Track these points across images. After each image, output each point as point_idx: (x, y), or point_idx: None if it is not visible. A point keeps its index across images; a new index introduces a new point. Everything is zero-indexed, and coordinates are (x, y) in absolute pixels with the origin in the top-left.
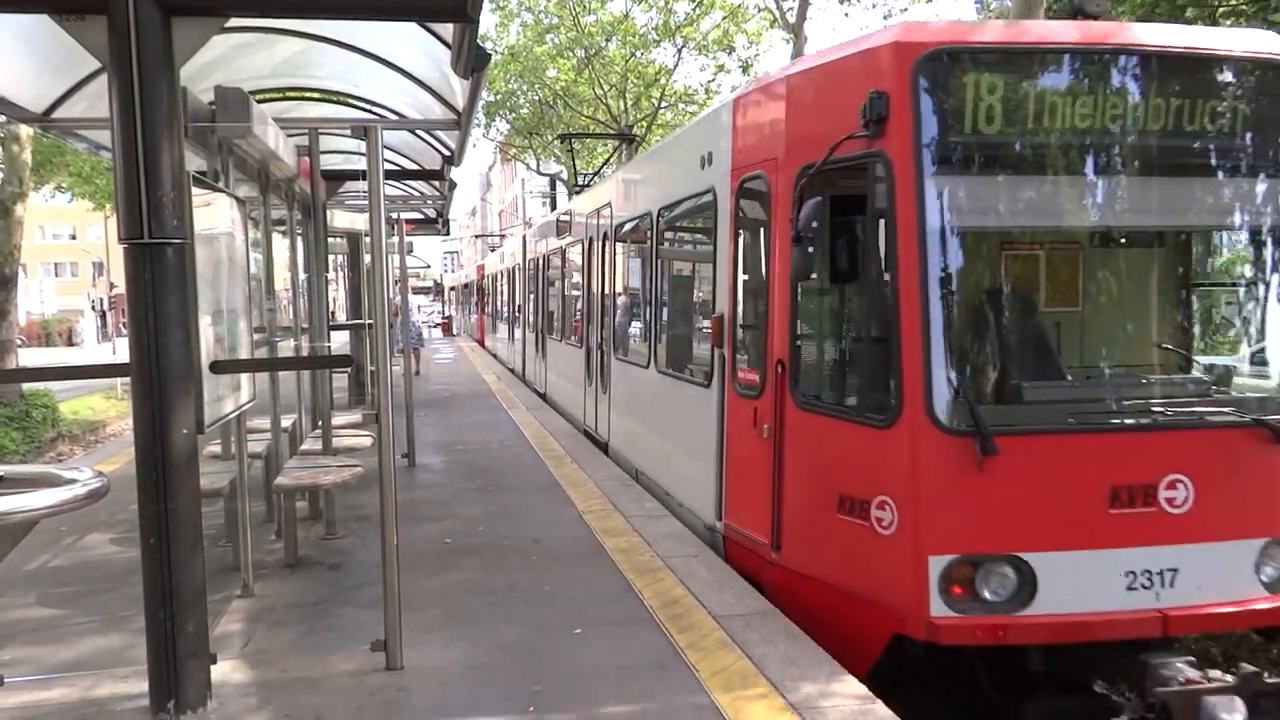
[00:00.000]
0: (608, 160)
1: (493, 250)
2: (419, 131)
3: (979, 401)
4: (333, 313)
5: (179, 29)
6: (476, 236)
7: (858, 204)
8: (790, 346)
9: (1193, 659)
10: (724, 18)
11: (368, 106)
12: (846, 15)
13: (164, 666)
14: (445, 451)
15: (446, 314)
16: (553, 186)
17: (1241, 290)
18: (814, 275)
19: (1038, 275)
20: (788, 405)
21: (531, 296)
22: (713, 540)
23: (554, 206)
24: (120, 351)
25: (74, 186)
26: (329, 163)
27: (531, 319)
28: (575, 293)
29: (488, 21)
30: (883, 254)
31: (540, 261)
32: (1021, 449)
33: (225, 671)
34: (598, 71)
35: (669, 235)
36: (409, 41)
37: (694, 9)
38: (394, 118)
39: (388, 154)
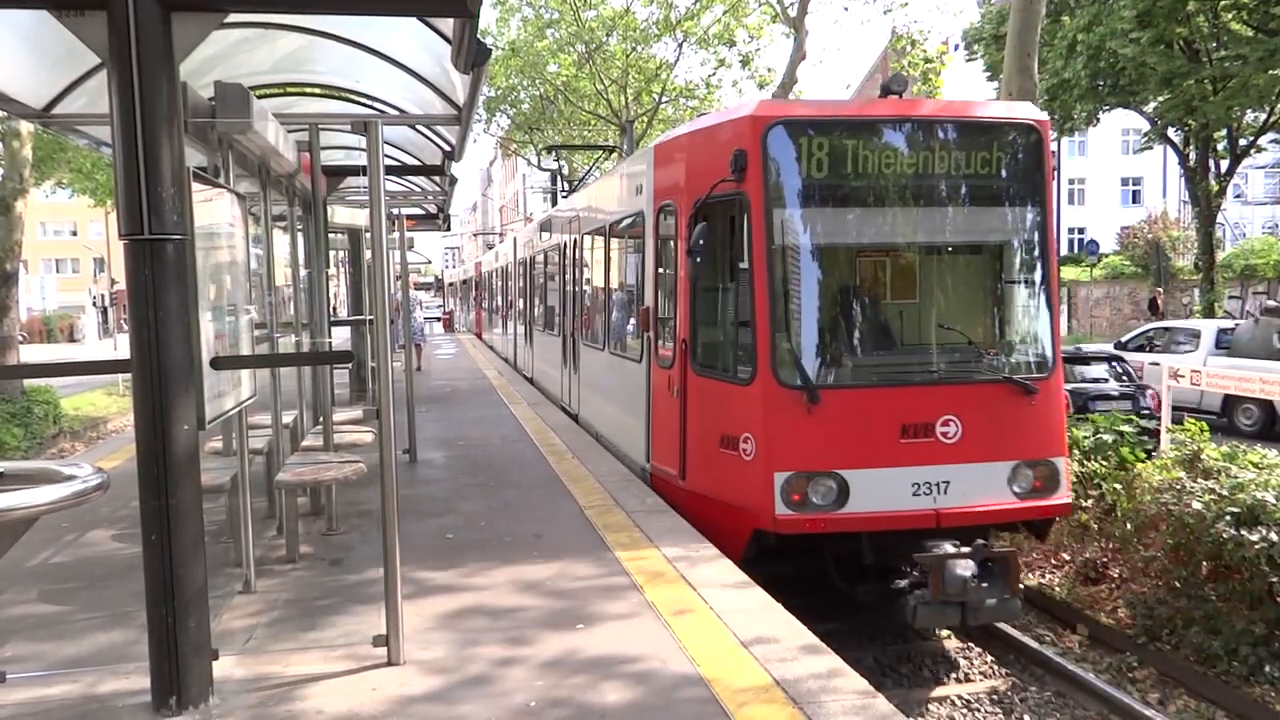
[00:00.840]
0: (596, 162)
1: (489, 248)
2: (419, 127)
3: (808, 367)
4: (334, 308)
5: (179, 24)
6: (475, 234)
7: (732, 225)
8: (690, 329)
9: (957, 541)
10: (725, 12)
11: (368, 102)
12: (846, 9)
13: (166, 662)
14: (447, 447)
15: (448, 309)
16: (554, 182)
17: (1008, 286)
18: (702, 276)
19: (857, 276)
20: (688, 372)
21: (521, 292)
22: (644, 477)
23: (554, 202)
24: (121, 348)
25: (74, 182)
26: (329, 158)
27: (521, 313)
28: (555, 289)
29: (488, 16)
30: (745, 263)
31: (528, 261)
32: (838, 398)
33: (227, 667)
34: (598, 66)
35: (616, 245)
36: (409, 37)
37: (694, 3)
38: (394, 113)
39: (388, 149)
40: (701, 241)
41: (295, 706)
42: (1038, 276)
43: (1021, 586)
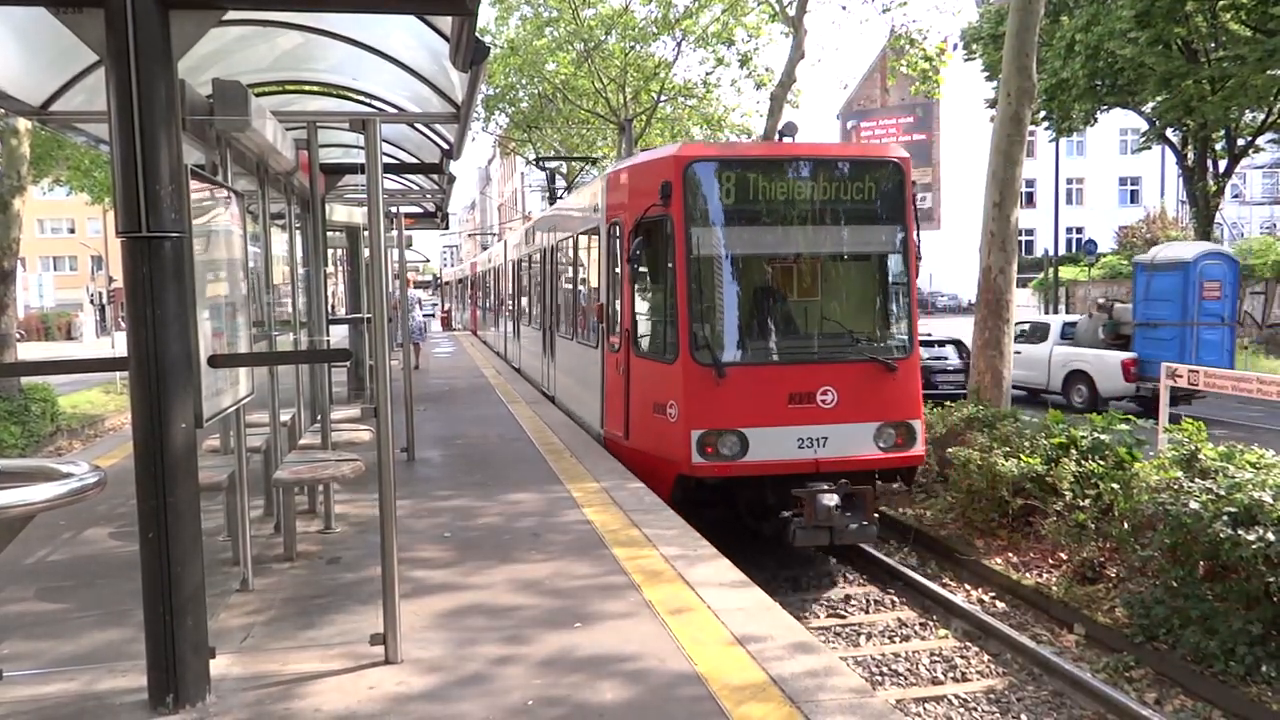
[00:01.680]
0: (594, 164)
1: (484, 249)
2: (418, 125)
3: (717, 349)
4: (332, 307)
5: (177, 22)
6: (469, 234)
7: (661, 239)
8: (632, 321)
9: (830, 482)
10: (723, 11)
11: (366, 100)
12: (845, 8)
13: (163, 660)
14: (445, 445)
15: (446, 308)
16: (551, 181)
17: (876, 287)
18: (640, 279)
19: (757, 279)
20: (631, 355)
21: (510, 292)
22: (599, 440)
23: (553, 200)
24: (119, 345)
25: (72, 180)
26: (328, 156)
27: (510, 310)
28: (536, 289)
29: (487, 14)
30: (670, 269)
31: (516, 263)
32: (740, 373)
33: (224, 665)
34: (597, 65)
35: (580, 252)
36: (408, 35)
37: (693, 2)
38: (393, 111)
39: (386, 148)
40: (639, 252)
41: (292, 705)
42: (901, 279)
43: (876, 515)
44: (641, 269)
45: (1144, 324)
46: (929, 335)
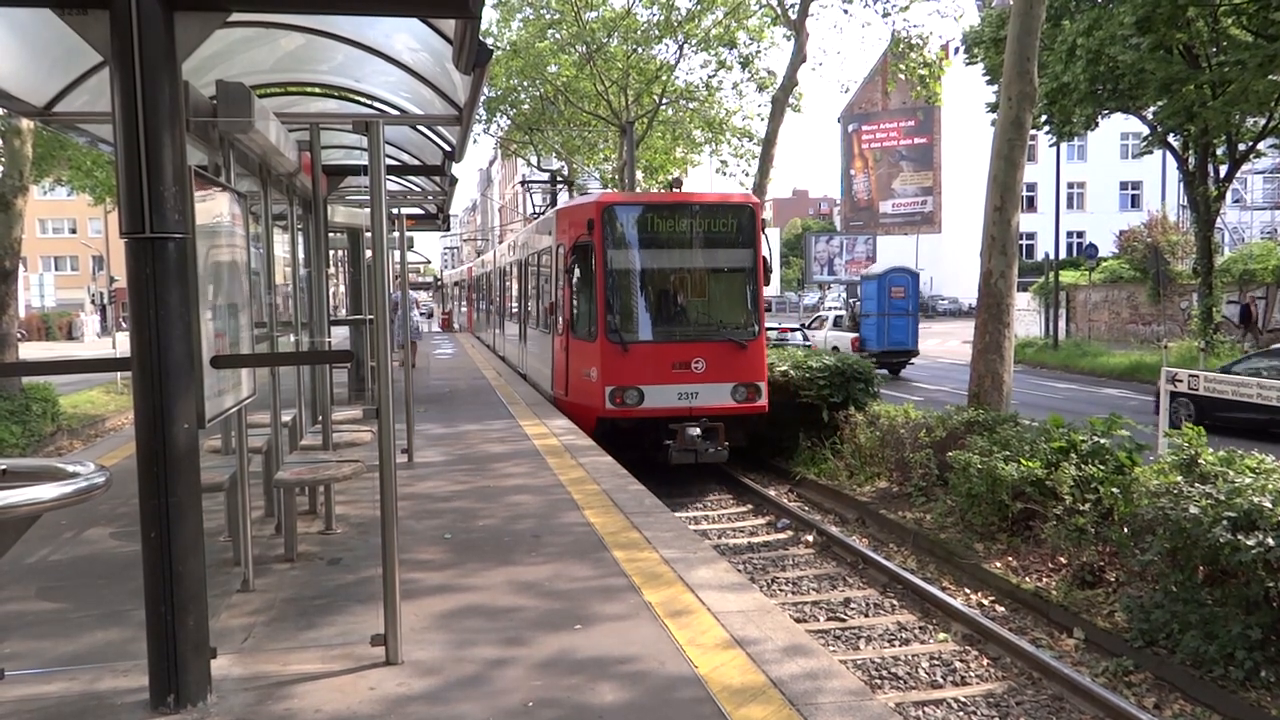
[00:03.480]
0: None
1: (479, 254)
2: (420, 127)
3: (623, 331)
4: (335, 308)
5: (181, 23)
6: (465, 239)
7: (587, 257)
8: (570, 313)
9: (699, 422)
10: (726, 14)
11: (369, 102)
12: (847, 12)
13: (164, 660)
14: (445, 448)
15: (447, 309)
16: (552, 183)
17: (734, 292)
18: (575, 285)
19: (651, 285)
20: (570, 337)
21: (499, 293)
22: (550, 399)
23: (554, 202)
24: (120, 346)
25: (73, 180)
26: (330, 158)
27: (499, 308)
28: (516, 291)
29: (489, 17)
30: (593, 277)
31: (502, 270)
32: (639, 347)
33: (225, 666)
34: (599, 67)
35: (543, 264)
36: (411, 36)
37: (695, 5)
38: (395, 113)
39: (388, 149)
40: (574, 265)
41: (293, 705)
42: (754, 287)
43: (726, 444)
44: (576, 278)
45: (863, 315)
46: (778, 325)
